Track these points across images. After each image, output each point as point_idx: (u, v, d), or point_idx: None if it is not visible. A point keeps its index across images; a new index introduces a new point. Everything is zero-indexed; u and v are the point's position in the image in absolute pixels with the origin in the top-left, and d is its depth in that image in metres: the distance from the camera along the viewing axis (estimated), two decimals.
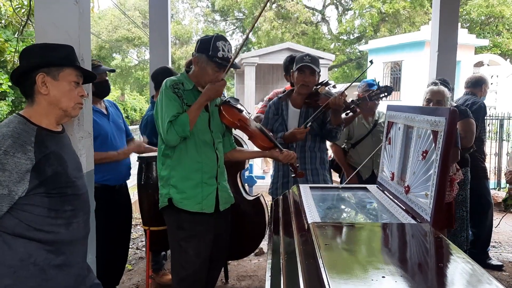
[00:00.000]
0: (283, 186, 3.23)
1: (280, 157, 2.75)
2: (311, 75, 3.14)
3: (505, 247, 4.96)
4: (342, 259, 1.35)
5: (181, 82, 2.55)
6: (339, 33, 25.75)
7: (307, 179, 3.15)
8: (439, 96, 3.34)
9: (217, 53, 2.45)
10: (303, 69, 3.13)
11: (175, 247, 2.60)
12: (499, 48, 20.24)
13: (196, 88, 2.56)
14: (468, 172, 3.97)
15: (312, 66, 3.11)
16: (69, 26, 2.21)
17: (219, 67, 2.49)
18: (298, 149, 3.19)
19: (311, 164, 3.22)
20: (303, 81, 3.14)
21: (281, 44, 12.63)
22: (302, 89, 3.17)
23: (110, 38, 25.61)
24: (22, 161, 1.64)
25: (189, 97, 2.52)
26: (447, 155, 1.61)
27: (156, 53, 4.99)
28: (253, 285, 3.80)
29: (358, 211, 2.13)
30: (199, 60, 2.51)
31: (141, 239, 5.23)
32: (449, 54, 4.65)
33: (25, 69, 1.77)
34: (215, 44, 2.46)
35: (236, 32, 28.76)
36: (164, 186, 2.57)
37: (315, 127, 3.18)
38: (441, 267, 1.30)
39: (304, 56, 3.18)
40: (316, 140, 3.24)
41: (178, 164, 2.52)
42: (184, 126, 2.40)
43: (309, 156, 3.22)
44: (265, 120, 3.33)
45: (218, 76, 2.51)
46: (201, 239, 2.55)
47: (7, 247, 1.69)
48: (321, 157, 3.27)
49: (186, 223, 2.53)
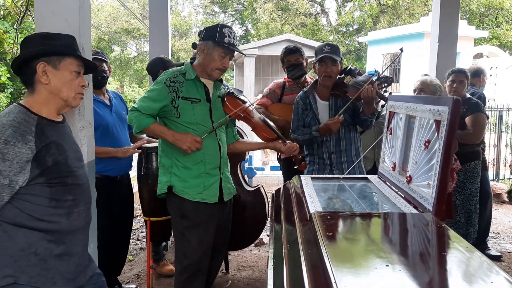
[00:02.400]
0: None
1: (283, 148, 2.73)
2: (332, 65, 3.06)
3: (503, 237, 4.98)
4: (345, 248, 1.35)
5: (183, 72, 2.55)
6: (339, 25, 25.66)
7: (343, 172, 3.06)
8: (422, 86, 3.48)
9: (223, 39, 2.46)
10: (324, 60, 3.06)
11: (178, 236, 2.61)
12: (498, 40, 20.22)
13: (198, 78, 2.55)
14: (479, 165, 3.92)
15: (332, 57, 3.05)
16: (69, 15, 2.19)
17: (225, 52, 2.50)
18: (333, 142, 3.13)
19: (347, 157, 3.14)
20: (326, 72, 3.06)
21: (280, 36, 12.60)
22: (325, 80, 3.09)
23: (109, 29, 25.48)
24: (23, 150, 1.63)
25: (190, 88, 2.52)
26: (450, 144, 1.60)
27: (156, 44, 4.97)
28: (254, 275, 3.82)
29: (359, 201, 2.13)
30: (206, 47, 2.51)
31: (142, 230, 5.24)
32: (450, 45, 4.63)
33: (26, 58, 1.76)
34: (222, 30, 2.48)
35: (235, 24, 28.61)
36: (164, 173, 2.57)
37: (346, 117, 3.11)
38: (444, 256, 1.31)
39: (324, 46, 3.11)
40: (350, 130, 3.17)
41: (179, 154, 2.52)
42: (137, 126, 2.47)
43: (345, 149, 3.14)
44: (295, 117, 3.25)
45: (224, 62, 2.52)
46: (204, 228, 2.55)
47: (8, 237, 1.69)
48: (355, 148, 3.19)
49: (189, 212, 2.53)
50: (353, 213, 1.81)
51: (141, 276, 3.83)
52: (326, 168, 3.15)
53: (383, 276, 1.13)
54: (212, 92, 2.61)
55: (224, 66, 2.54)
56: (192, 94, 2.52)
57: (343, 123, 3.07)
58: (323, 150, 3.16)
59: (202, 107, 2.54)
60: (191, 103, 2.51)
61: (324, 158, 3.16)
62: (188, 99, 2.50)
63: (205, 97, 2.57)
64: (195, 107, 2.52)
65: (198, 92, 2.55)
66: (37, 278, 1.71)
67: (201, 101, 2.55)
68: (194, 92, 2.53)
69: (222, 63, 2.52)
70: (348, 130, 3.17)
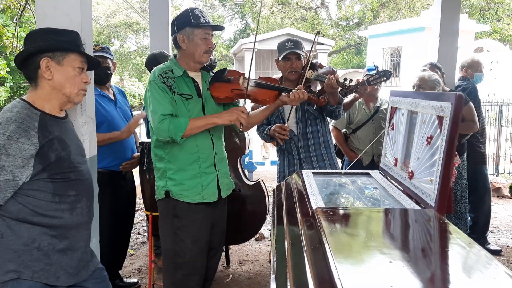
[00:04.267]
0: (289, 174, 3.21)
1: (292, 103, 2.59)
2: (297, 60, 3.08)
3: (503, 232, 4.99)
4: (348, 244, 1.36)
5: (170, 69, 2.45)
6: (339, 19, 25.60)
7: (313, 166, 3.11)
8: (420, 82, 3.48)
9: (199, 20, 2.39)
10: (288, 57, 3.08)
11: (169, 235, 2.50)
12: (498, 34, 20.17)
13: (186, 73, 2.46)
14: (465, 161, 4.03)
15: (297, 52, 3.06)
16: (70, 10, 2.18)
17: (207, 32, 2.42)
18: (300, 137, 3.13)
19: (315, 151, 3.15)
20: (291, 68, 3.08)
21: (280, 30, 12.61)
22: (291, 75, 3.10)
23: (109, 23, 25.40)
24: (26, 146, 1.64)
25: (180, 85, 2.43)
26: (453, 140, 1.60)
27: (156, 38, 4.94)
28: (254, 269, 3.83)
29: (361, 197, 2.13)
30: (184, 36, 2.42)
31: (142, 224, 5.25)
32: (451, 39, 4.62)
33: (29, 53, 1.76)
34: (194, 13, 2.41)
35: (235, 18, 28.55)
36: (160, 178, 2.49)
37: (312, 111, 3.12)
38: (446, 252, 1.31)
39: (286, 42, 3.12)
40: (317, 123, 3.16)
41: (173, 157, 2.43)
42: (179, 130, 2.29)
43: (312, 142, 3.15)
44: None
45: (209, 43, 2.44)
46: (198, 227, 2.47)
47: (11, 232, 1.70)
48: (325, 141, 3.19)
49: (182, 212, 2.45)
50: (355, 209, 1.81)
51: (142, 270, 3.85)
52: (296, 163, 3.15)
53: (386, 272, 1.13)
54: (202, 86, 2.52)
55: (210, 47, 2.45)
56: (183, 90, 2.43)
57: (310, 117, 3.10)
58: (291, 145, 3.17)
59: (195, 103, 2.45)
60: (185, 100, 2.42)
61: (293, 153, 3.17)
62: (181, 95, 2.41)
63: (196, 92, 2.47)
64: (189, 104, 2.42)
65: (189, 88, 2.46)
66: (40, 273, 1.72)
67: (193, 97, 2.45)
68: (185, 88, 2.44)
69: (207, 44, 2.43)
70: (315, 123, 3.16)
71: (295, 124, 3.14)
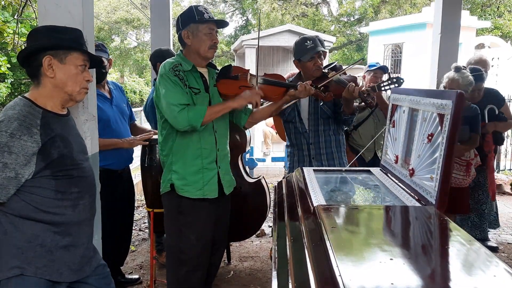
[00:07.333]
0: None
1: (297, 94, 2.61)
2: (321, 57, 3.06)
3: (503, 228, 5.00)
4: (350, 242, 1.36)
5: (179, 63, 2.48)
6: (340, 15, 25.50)
7: (322, 164, 3.10)
8: (452, 85, 3.33)
9: (203, 15, 2.42)
10: (314, 57, 3.02)
11: (174, 231, 2.55)
12: (500, 30, 20.10)
13: (195, 68, 2.50)
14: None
15: (323, 50, 3.02)
16: (72, 7, 2.18)
17: (211, 27, 2.46)
18: (312, 134, 3.13)
19: (326, 148, 3.14)
20: (316, 66, 3.02)
21: (281, 26, 12.56)
22: (317, 72, 3.03)
23: (109, 19, 25.34)
24: (29, 143, 1.65)
25: (190, 79, 2.46)
26: (454, 138, 1.61)
27: (157, 34, 4.93)
28: (255, 266, 3.84)
29: (362, 194, 2.14)
30: (189, 32, 2.46)
31: (144, 220, 5.27)
32: (452, 36, 4.60)
33: (32, 51, 1.76)
34: (198, 9, 2.44)
35: (235, 14, 28.47)
36: (166, 171, 2.54)
37: (326, 110, 3.11)
38: (447, 249, 1.32)
39: (305, 42, 3.03)
40: (329, 123, 3.15)
41: (178, 151, 2.48)
42: (198, 116, 2.33)
43: (323, 140, 3.14)
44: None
45: (213, 38, 2.47)
46: (202, 223, 2.52)
47: (15, 228, 1.71)
48: (336, 140, 3.18)
49: (187, 208, 2.49)
50: (356, 206, 1.82)
51: (143, 267, 3.87)
52: (306, 160, 3.15)
53: (387, 269, 1.14)
54: (209, 81, 2.56)
55: (215, 42, 2.48)
56: (193, 84, 2.47)
57: (322, 116, 3.10)
58: (302, 141, 3.17)
59: (203, 98, 2.49)
60: (194, 94, 2.45)
61: (303, 149, 3.18)
62: (191, 88, 2.45)
63: (203, 87, 2.51)
64: (197, 98, 2.46)
65: (197, 82, 2.49)
66: (43, 269, 1.74)
67: (201, 92, 2.49)
68: (194, 82, 2.47)
69: (211, 39, 2.46)
70: (328, 122, 3.15)
71: (307, 121, 3.15)
